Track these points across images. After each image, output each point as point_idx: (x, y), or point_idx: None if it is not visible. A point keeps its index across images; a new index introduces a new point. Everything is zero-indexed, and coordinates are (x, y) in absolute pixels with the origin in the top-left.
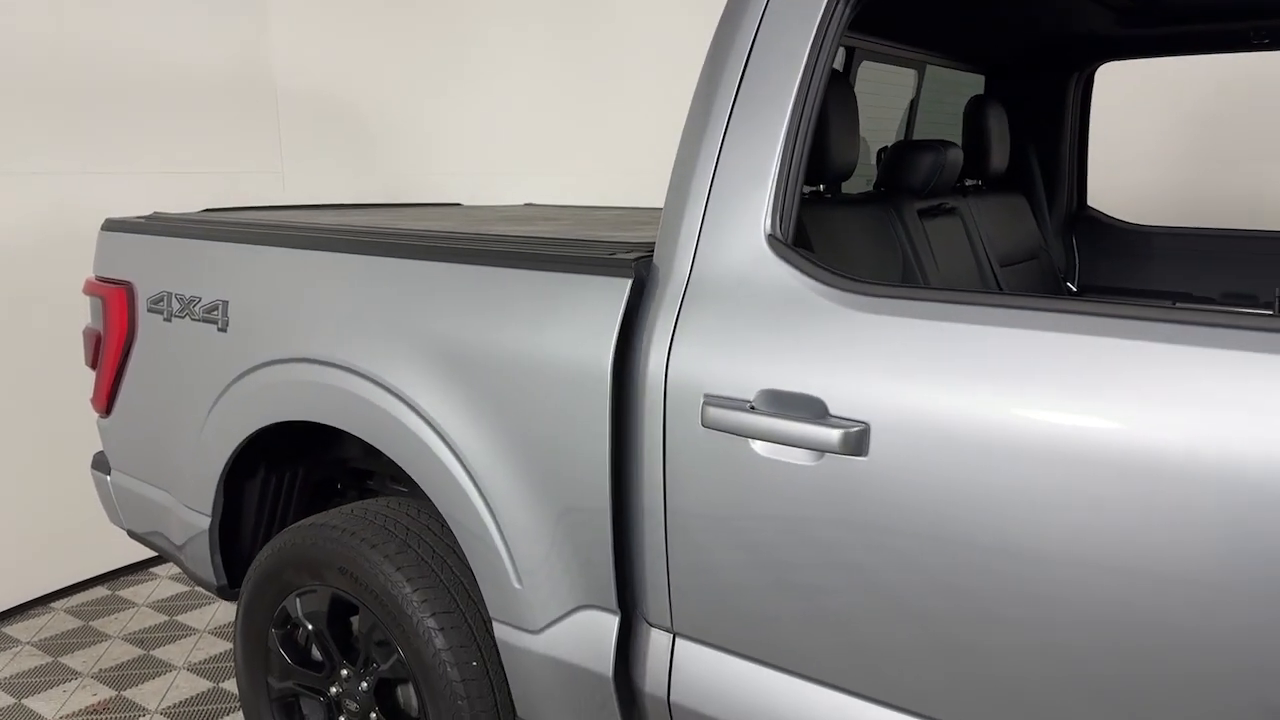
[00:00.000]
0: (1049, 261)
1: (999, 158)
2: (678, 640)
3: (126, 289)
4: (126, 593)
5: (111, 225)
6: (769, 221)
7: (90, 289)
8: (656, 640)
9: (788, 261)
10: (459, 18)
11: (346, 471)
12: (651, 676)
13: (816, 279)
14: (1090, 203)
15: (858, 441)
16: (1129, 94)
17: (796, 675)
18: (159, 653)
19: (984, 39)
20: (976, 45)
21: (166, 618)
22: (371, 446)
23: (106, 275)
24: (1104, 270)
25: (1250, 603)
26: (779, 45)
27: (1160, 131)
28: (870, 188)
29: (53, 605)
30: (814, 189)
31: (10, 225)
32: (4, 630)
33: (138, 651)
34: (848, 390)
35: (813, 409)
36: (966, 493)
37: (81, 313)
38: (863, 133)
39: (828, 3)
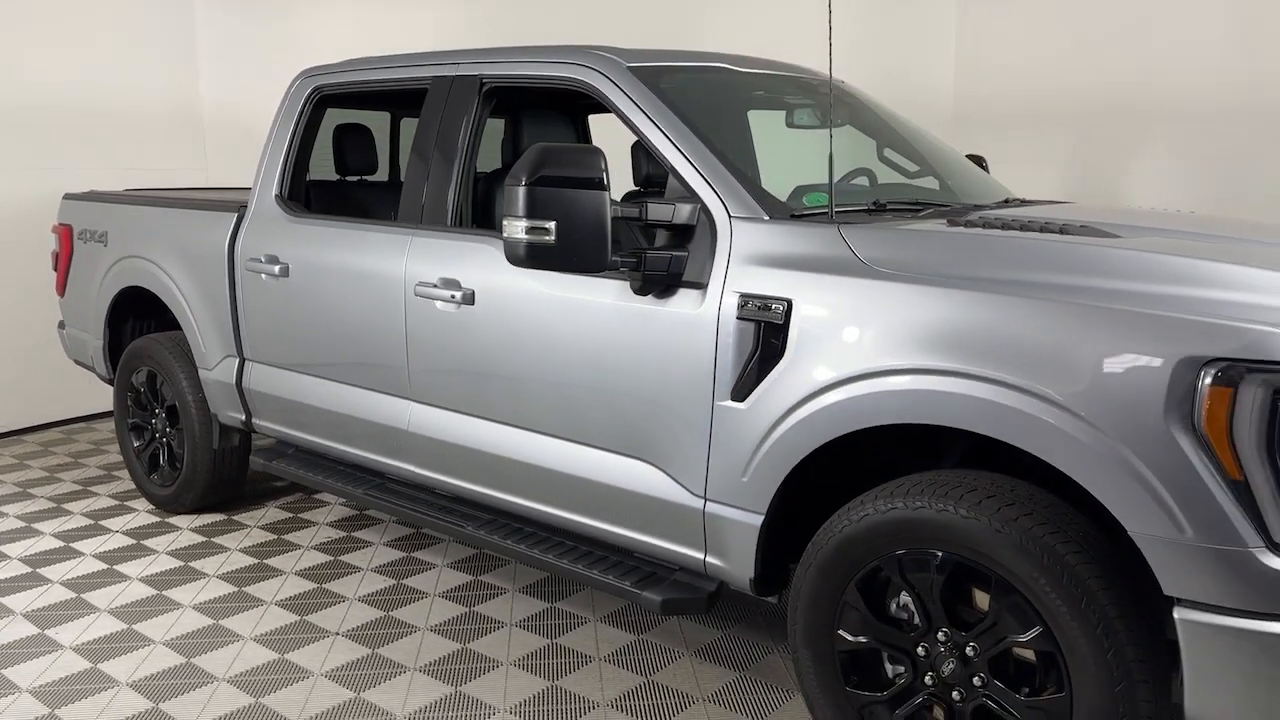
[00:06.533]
0: None
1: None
2: (254, 364)
3: (70, 228)
4: (97, 425)
5: (67, 196)
6: (277, 189)
7: (54, 229)
8: (248, 365)
9: (279, 206)
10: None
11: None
12: (245, 378)
13: (285, 212)
14: None
15: (284, 271)
16: None
17: (285, 369)
18: (106, 446)
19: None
20: None
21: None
22: None
23: (62, 221)
24: None
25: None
26: (284, 123)
27: None
28: None
29: (47, 430)
30: (345, 178)
31: (10, 201)
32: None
33: (91, 445)
34: (285, 252)
35: (276, 260)
36: (324, 286)
37: (47, 250)
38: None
39: (298, 116)
